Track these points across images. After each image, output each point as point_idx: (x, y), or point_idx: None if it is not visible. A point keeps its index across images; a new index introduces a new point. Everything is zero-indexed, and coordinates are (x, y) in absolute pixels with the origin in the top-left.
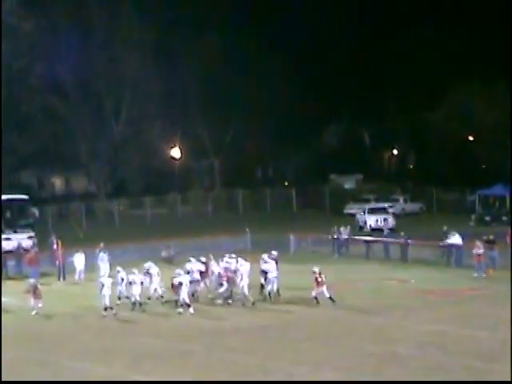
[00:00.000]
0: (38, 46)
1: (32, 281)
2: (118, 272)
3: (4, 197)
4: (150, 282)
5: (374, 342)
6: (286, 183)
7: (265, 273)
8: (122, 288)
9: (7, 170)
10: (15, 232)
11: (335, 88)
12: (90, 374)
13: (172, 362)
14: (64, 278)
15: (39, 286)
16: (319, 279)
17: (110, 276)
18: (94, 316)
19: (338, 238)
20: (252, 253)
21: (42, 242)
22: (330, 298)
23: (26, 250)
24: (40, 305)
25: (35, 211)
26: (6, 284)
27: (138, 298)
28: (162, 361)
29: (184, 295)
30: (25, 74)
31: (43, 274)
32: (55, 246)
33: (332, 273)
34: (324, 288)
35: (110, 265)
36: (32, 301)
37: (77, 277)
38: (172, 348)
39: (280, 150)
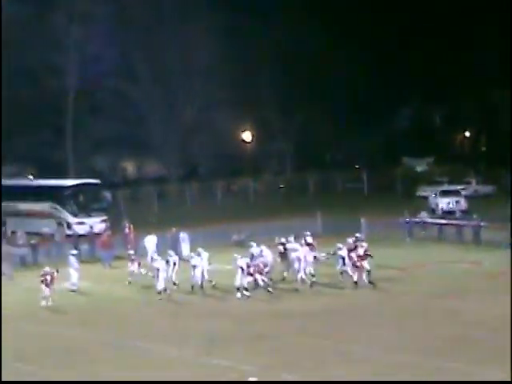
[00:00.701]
0: (110, 32)
1: (47, 268)
2: (170, 256)
3: (77, 181)
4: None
5: (447, 325)
6: (357, 166)
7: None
8: (171, 272)
9: (80, 154)
10: (88, 216)
11: (406, 71)
12: (163, 356)
13: (245, 345)
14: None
15: (55, 275)
16: (357, 264)
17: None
18: (165, 299)
19: (410, 221)
20: (323, 236)
21: (114, 225)
22: (355, 282)
23: (99, 234)
24: (49, 295)
25: (108, 195)
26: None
27: (199, 282)
28: (235, 344)
29: (239, 279)
30: (98, 59)
31: (116, 258)
32: (127, 230)
33: (404, 256)
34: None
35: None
36: (45, 290)
37: (149, 259)
38: (243, 331)
39: (351, 133)
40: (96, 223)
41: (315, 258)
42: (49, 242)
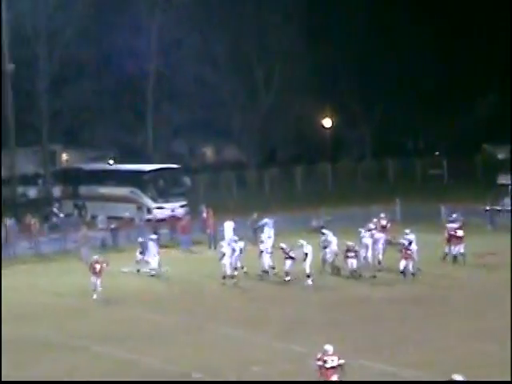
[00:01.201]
0: (191, 17)
1: (96, 257)
2: (236, 242)
3: (157, 166)
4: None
5: None
6: (438, 153)
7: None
8: (233, 259)
9: (160, 140)
10: (168, 201)
11: (489, 57)
12: (243, 341)
13: (322, 331)
14: (214, 247)
15: (104, 265)
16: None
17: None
18: (242, 284)
19: (491, 209)
20: (401, 223)
21: (193, 210)
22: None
23: (179, 219)
24: (99, 285)
25: (187, 180)
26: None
27: (266, 267)
28: (312, 330)
29: (309, 266)
30: (177, 45)
31: (195, 242)
32: (205, 215)
33: (484, 244)
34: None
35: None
36: (93, 279)
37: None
38: (319, 317)
39: (432, 119)
40: (175, 208)
41: (390, 242)
42: (129, 227)
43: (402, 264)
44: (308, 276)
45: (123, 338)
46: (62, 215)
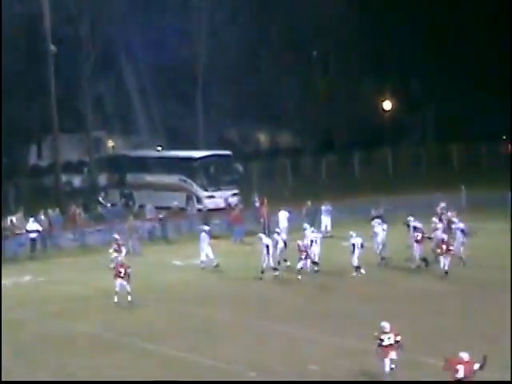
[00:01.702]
0: None
1: (120, 258)
2: (278, 234)
3: (207, 153)
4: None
5: None
6: (504, 137)
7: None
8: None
9: (210, 125)
10: (219, 189)
11: None
12: (296, 337)
13: (374, 325)
14: (268, 237)
15: (126, 267)
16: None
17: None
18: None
19: None
20: (466, 212)
21: (246, 199)
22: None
23: (231, 208)
24: (128, 288)
25: (239, 167)
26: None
27: (317, 259)
28: (365, 324)
29: (356, 258)
30: (229, 26)
31: (248, 233)
32: (259, 204)
33: None
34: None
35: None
36: (118, 282)
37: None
38: (379, 311)
39: (497, 103)
40: (227, 197)
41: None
42: (178, 217)
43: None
44: (356, 268)
45: (171, 334)
46: (107, 205)
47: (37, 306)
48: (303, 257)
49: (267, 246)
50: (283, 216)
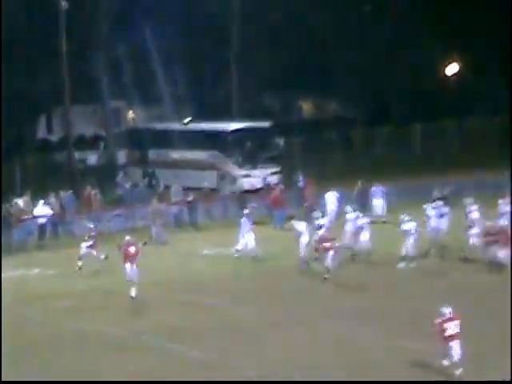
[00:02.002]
0: None
1: (127, 238)
2: (318, 218)
3: (243, 124)
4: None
5: None
6: None
7: None
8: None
9: (247, 93)
10: (257, 167)
11: None
12: (347, 337)
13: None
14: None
15: (135, 248)
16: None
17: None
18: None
19: None
20: None
21: (288, 179)
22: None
23: (271, 189)
24: (136, 274)
25: (280, 142)
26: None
27: (364, 247)
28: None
29: (407, 247)
30: None
31: (290, 218)
32: (303, 184)
33: None
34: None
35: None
36: (127, 266)
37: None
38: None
39: None
40: (266, 176)
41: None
42: (209, 199)
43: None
44: (406, 259)
45: (199, 333)
46: (128, 186)
47: (46, 302)
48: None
49: (301, 232)
50: (331, 198)
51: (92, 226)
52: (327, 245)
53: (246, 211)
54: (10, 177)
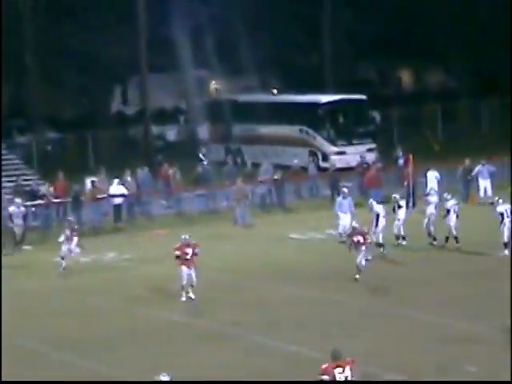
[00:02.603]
0: None
1: (184, 237)
2: (396, 200)
3: (336, 97)
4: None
5: None
6: None
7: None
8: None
9: (339, 61)
10: (351, 143)
11: None
12: (446, 332)
13: None
14: (413, 204)
15: (192, 249)
16: None
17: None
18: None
19: None
20: None
21: (385, 156)
22: None
23: (366, 167)
24: (193, 278)
25: (377, 115)
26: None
27: (454, 232)
28: None
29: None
30: None
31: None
32: (403, 162)
33: None
34: None
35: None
36: (183, 269)
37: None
38: None
39: None
40: (361, 153)
41: None
42: (298, 178)
43: None
44: (505, 244)
45: (286, 324)
46: (209, 164)
47: (122, 290)
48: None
49: (377, 216)
50: (432, 177)
51: (71, 218)
52: (359, 239)
53: (344, 190)
54: (82, 153)
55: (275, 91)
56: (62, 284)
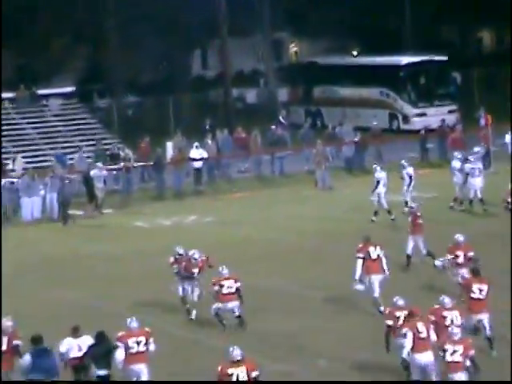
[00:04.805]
0: None
1: (195, 253)
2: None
3: (416, 58)
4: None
5: None
6: None
7: None
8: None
9: (420, 21)
10: (432, 105)
11: None
12: None
13: None
14: (489, 164)
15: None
16: None
17: None
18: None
19: None
20: None
21: (466, 117)
22: None
23: (448, 129)
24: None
25: (457, 77)
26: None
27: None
28: None
29: None
30: None
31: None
32: (483, 122)
33: None
34: None
35: None
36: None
37: None
38: None
39: None
40: (442, 114)
41: None
42: (378, 140)
43: None
44: None
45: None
46: (289, 126)
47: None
48: None
49: (410, 177)
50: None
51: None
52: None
53: (457, 154)
54: (162, 117)
55: (355, 53)
56: (143, 247)
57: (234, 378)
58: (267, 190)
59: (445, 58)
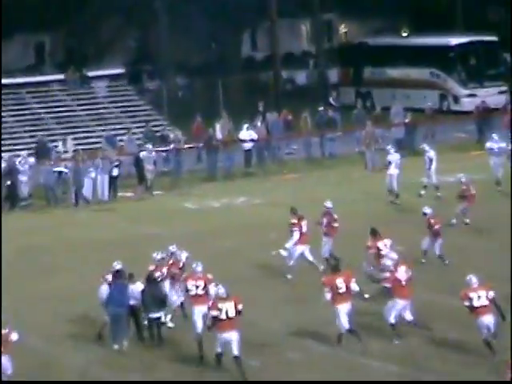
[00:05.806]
0: None
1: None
2: (427, 151)
3: (467, 38)
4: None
5: None
6: None
7: None
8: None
9: (469, 4)
10: (482, 86)
11: None
12: None
13: None
14: None
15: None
16: None
17: None
18: None
19: None
20: None
21: None
22: None
23: (499, 110)
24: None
25: (507, 57)
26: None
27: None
28: None
29: None
30: None
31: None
32: None
33: None
34: None
35: None
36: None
37: None
38: None
39: None
40: (493, 95)
41: None
42: (429, 121)
43: None
44: None
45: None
46: (339, 107)
47: (255, 234)
48: None
49: (430, 160)
50: None
51: None
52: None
53: (494, 137)
54: (212, 99)
55: (405, 34)
56: (192, 228)
57: (224, 312)
58: (317, 172)
59: (495, 39)
